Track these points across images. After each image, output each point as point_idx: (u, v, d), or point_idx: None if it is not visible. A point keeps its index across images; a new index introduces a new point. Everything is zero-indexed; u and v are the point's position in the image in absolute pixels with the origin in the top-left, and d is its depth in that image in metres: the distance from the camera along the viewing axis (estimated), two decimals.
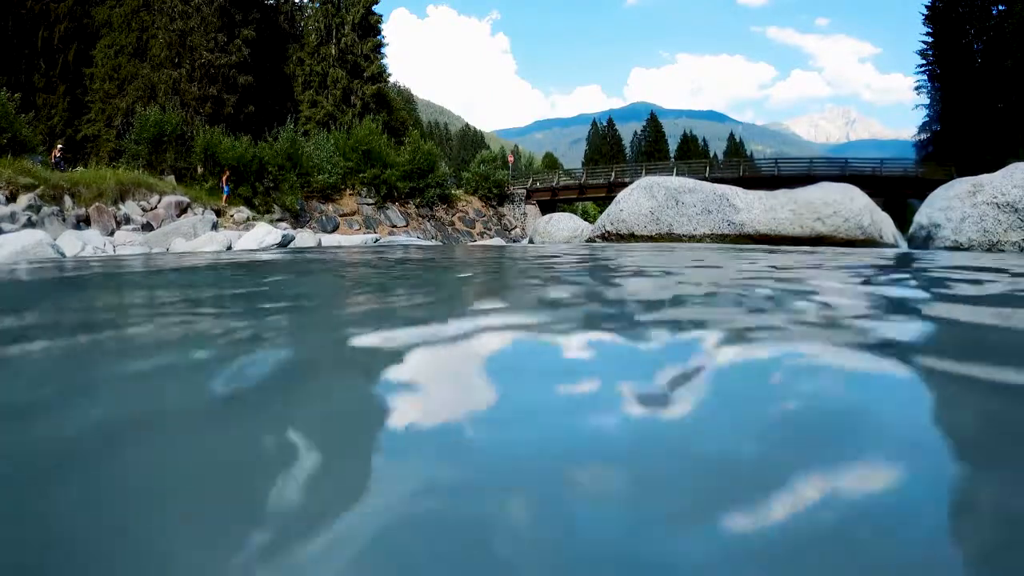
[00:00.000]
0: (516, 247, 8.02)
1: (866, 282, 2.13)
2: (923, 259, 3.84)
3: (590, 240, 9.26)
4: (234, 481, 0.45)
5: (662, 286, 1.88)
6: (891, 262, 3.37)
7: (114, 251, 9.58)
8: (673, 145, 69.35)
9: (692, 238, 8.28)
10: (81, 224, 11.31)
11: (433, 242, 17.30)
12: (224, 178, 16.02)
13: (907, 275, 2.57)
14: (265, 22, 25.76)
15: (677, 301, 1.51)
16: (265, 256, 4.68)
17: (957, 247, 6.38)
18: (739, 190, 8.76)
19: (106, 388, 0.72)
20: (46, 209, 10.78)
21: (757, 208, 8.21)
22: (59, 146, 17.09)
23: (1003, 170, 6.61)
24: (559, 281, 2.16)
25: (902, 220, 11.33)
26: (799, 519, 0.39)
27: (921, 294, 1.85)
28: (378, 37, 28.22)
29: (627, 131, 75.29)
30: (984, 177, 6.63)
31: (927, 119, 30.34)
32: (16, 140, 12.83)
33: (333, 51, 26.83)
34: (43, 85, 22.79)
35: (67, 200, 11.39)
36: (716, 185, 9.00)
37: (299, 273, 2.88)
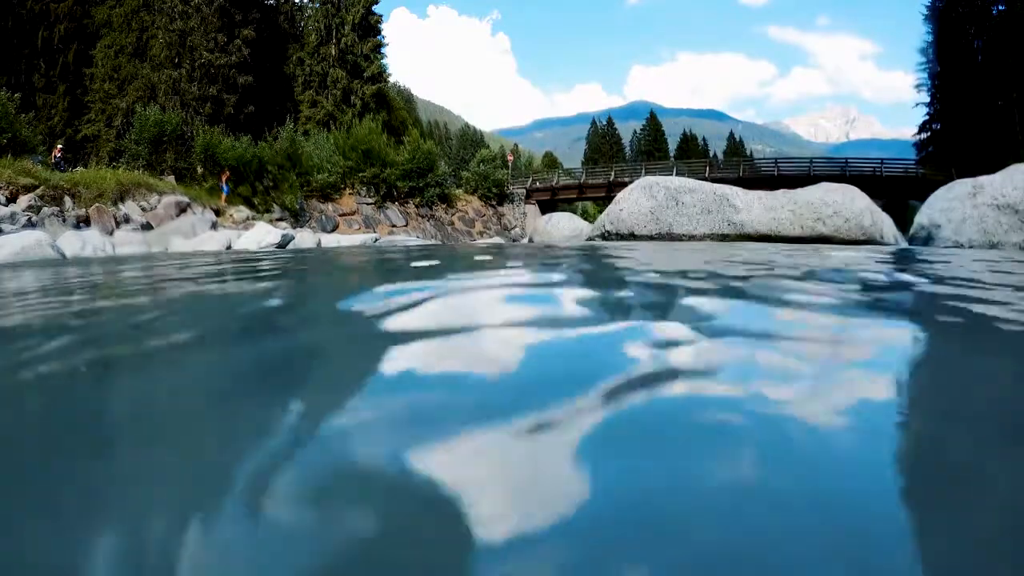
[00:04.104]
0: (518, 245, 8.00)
1: None
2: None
3: (590, 240, 9.25)
4: None
5: None
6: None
7: (114, 251, 9.58)
8: (673, 144, 69.21)
9: (692, 238, 8.27)
10: (81, 224, 11.28)
11: (433, 242, 17.29)
12: (224, 178, 16.00)
13: None
14: (265, 22, 25.70)
15: None
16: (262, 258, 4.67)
17: (958, 248, 6.37)
18: (739, 190, 8.75)
19: None
20: (46, 210, 10.76)
21: (757, 208, 8.20)
22: (59, 146, 17.04)
23: (1003, 172, 6.61)
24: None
25: (903, 221, 11.31)
26: None
27: None
28: (378, 37, 28.15)
29: (627, 130, 75.15)
30: (984, 179, 6.62)
31: (927, 117, 30.25)
32: (16, 140, 12.79)
33: (333, 51, 26.78)
34: (43, 85, 22.75)
35: (67, 200, 11.37)
36: (716, 185, 8.99)
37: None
